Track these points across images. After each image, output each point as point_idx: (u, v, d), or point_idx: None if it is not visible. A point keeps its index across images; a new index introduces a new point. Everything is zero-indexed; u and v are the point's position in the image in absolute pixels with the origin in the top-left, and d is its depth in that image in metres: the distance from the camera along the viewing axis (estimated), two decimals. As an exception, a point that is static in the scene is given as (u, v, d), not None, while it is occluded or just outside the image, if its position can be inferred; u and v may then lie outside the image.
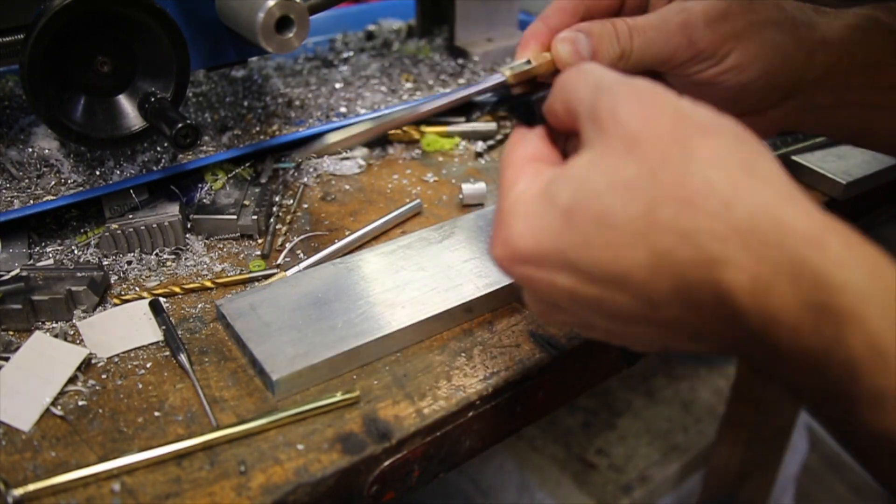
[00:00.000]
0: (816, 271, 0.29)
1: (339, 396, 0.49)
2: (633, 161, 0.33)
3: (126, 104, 0.63)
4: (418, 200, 0.70)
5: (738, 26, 0.46)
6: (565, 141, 0.44)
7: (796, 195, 0.31)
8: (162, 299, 0.58)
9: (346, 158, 0.77)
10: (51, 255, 0.62)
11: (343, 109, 0.80)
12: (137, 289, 0.60)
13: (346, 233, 0.66)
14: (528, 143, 0.41)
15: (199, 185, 0.68)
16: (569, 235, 0.34)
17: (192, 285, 0.60)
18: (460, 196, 0.71)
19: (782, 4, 0.49)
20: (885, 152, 0.59)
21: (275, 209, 0.69)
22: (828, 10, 0.50)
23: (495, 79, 0.47)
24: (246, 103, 0.81)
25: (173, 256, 0.63)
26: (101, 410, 0.49)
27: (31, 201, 0.64)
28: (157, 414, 0.49)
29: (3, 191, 0.65)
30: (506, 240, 0.36)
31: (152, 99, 0.62)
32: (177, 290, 0.59)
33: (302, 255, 0.64)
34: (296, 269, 0.61)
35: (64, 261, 0.62)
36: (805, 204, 0.31)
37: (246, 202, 0.67)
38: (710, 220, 0.30)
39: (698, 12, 0.46)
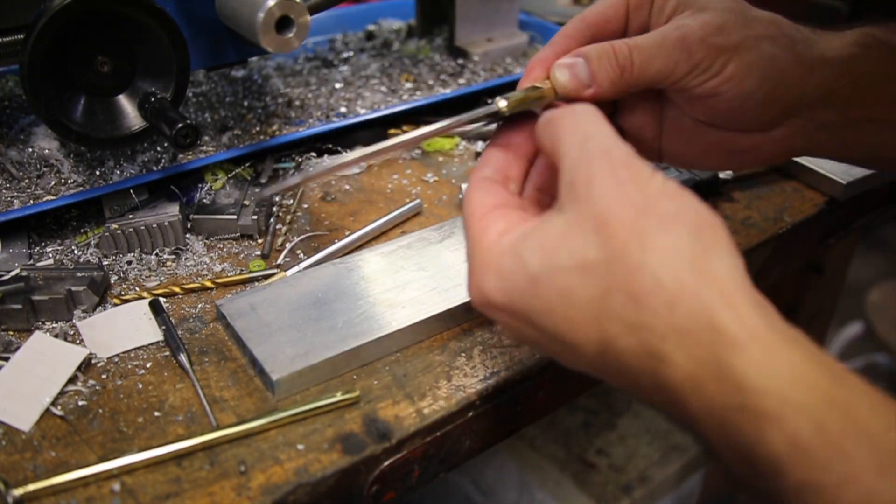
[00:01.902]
0: (738, 375, 0.31)
1: (339, 396, 0.49)
2: (595, 244, 0.36)
3: (126, 104, 0.63)
4: (418, 200, 0.70)
5: (734, 39, 0.47)
6: (529, 164, 0.47)
7: (737, 297, 0.33)
8: (162, 299, 0.58)
9: (346, 158, 0.77)
10: (51, 255, 0.62)
11: (343, 109, 0.80)
12: (137, 289, 0.60)
13: (346, 233, 0.66)
14: (490, 192, 0.43)
15: (199, 185, 0.68)
16: (535, 301, 0.37)
17: (192, 285, 0.60)
18: (460, 196, 0.71)
19: (779, 22, 0.50)
20: None
21: (275, 209, 0.69)
22: (826, 31, 0.51)
23: (490, 108, 0.47)
24: (246, 103, 0.81)
25: (173, 256, 0.63)
26: (101, 410, 0.49)
27: (31, 201, 0.64)
28: (157, 414, 0.49)
29: (3, 191, 0.65)
30: (480, 288, 0.40)
31: (152, 99, 0.62)
32: (177, 290, 0.59)
33: (302, 255, 0.64)
34: (296, 269, 0.61)
35: (64, 261, 0.62)
36: (743, 307, 0.33)
37: (246, 202, 0.67)
38: (653, 317, 0.33)
39: (695, 27, 0.47)
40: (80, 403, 0.50)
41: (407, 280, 0.58)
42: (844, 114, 0.50)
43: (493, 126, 0.50)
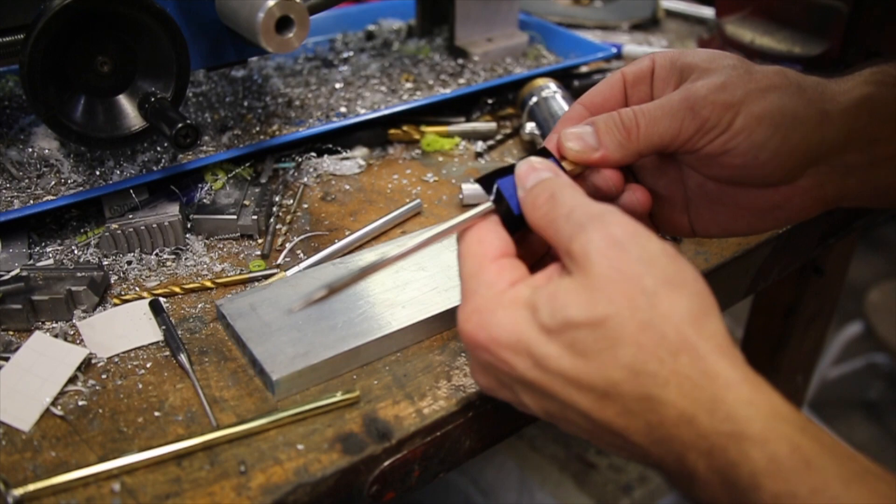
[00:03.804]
0: (730, 408, 0.37)
1: (339, 396, 0.49)
2: (604, 301, 0.39)
3: (126, 104, 0.63)
4: (418, 200, 0.70)
5: (739, 94, 0.48)
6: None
7: (728, 350, 0.39)
8: (162, 299, 0.58)
9: (346, 158, 0.77)
10: (51, 255, 0.62)
11: (343, 109, 0.80)
12: (137, 289, 0.60)
13: (346, 233, 0.66)
14: (493, 239, 0.45)
15: (199, 185, 0.68)
16: (546, 347, 0.40)
17: (192, 285, 0.60)
18: (460, 196, 0.71)
19: (784, 73, 0.50)
20: None
21: (275, 209, 0.69)
22: (833, 77, 0.51)
23: (485, 208, 0.47)
24: (246, 103, 0.81)
25: (173, 256, 0.63)
26: (101, 410, 0.49)
27: (31, 201, 0.64)
28: (157, 414, 0.49)
29: (3, 191, 0.65)
30: (484, 325, 0.42)
31: (152, 99, 0.62)
32: (177, 290, 0.59)
33: (302, 255, 0.64)
34: (296, 269, 0.61)
35: (64, 261, 0.62)
36: (733, 358, 0.38)
37: (246, 202, 0.67)
38: (658, 365, 0.38)
39: (699, 87, 0.48)
40: (80, 403, 0.50)
41: (407, 280, 0.58)
42: (869, 154, 0.50)
43: (493, 126, 0.50)
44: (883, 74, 0.50)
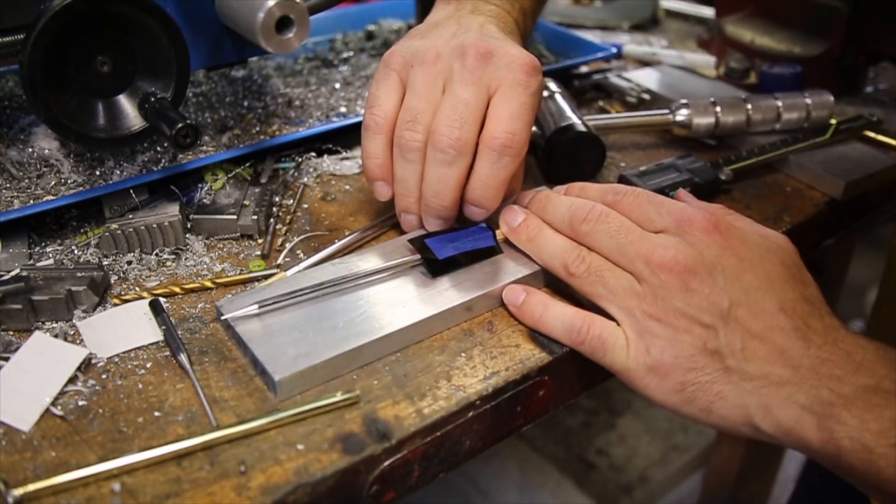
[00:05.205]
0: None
1: (339, 396, 0.49)
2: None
3: (126, 104, 0.63)
4: (418, 200, 0.69)
5: None
6: None
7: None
8: (162, 299, 0.58)
9: (346, 158, 0.77)
10: (51, 255, 0.62)
11: (343, 109, 0.80)
12: (137, 289, 0.60)
13: (346, 233, 0.66)
14: None
15: (199, 185, 0.68)
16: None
17: (192, 285, 0.60)
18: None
19: None
20: None
21: (275, 209, 0.69)
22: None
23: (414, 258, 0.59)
24: (246, 103, 0.81)
25: (173, 256, 0.63)
26: (101, 410, 0.49)
27: (31, 201, 0.64)
28: (157, 414, 0.49)
29: (3, 191, 0.65)
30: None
31: (152, 99, 0.62)
32: (177, 290, 0.59)
33: (302, 255, 0.64)
34: (296, 269, 0.61)
35: (64, 261, 0.62)
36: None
37: (246, 202, 0.67)
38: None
39: None
40: (80, 403, 0.50)
41: (407, 280, 0.58)
42: None
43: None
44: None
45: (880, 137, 0.81)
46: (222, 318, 0.54)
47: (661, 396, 0.51)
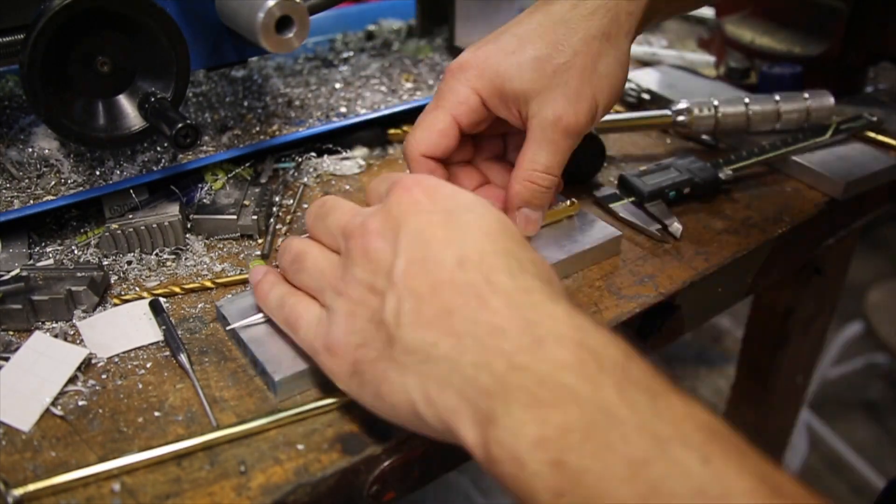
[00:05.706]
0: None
1: (339, 396, 0.49)
2: None
3: (126, 104, 0.63)
4: (418, 200, 0.69)
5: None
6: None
7: None
8: (162, 299, 0.58)
9: (346, 158, 0.77)
10: (51, 255, 0.62)
11: (343, 109, 0.80)
12: (137, 289, 0.60)
13: (346, 233, 0.66)
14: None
15: (199, 185, 0.68)
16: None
17: (192, 285, 0.60)
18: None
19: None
20: None
21: (275, 209, 0.69)
22: None
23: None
24: (246, 103, 0.81)
25: (173, 256, 0.63)
26: (101, 410, 0.49)
27: (31, 201, 0.64)
28: (157, 414, 0.49)
29: (3, 191, 0.65)
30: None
31: (152, 99, 0.61)
32: (177, 290, 0.59)
33: (302, 255, 0.64)
34: (296, 269, 0.61)
35: (64, 261, 0.62)
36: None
37: (246, 202, 0.67)
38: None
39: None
40: (80, 403, 0.50)
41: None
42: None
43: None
44: None
45: (880, 137, 0.81)
46: (228, 328, 0.54)
47: (343, 383, 0.44)
